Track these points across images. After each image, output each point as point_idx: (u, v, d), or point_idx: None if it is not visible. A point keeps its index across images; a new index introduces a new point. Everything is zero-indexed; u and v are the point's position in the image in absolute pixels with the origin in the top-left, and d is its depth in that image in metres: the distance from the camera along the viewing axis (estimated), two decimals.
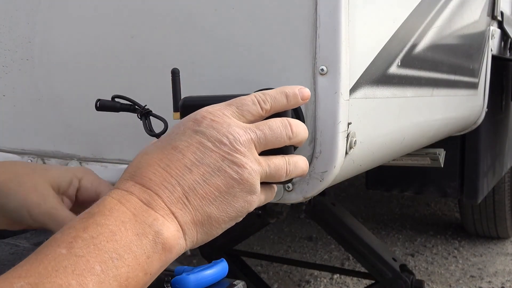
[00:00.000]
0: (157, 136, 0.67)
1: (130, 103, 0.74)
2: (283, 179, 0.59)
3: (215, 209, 0.52)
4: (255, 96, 0.57)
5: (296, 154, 0.64)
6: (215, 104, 0.56)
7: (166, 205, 0.50)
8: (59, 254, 0.44)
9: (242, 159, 0.52)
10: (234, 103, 0.56)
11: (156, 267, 0.48)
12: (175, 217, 0.50)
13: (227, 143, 0.52)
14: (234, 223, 0.56)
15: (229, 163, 0.52)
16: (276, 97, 0.58)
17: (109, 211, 0.48)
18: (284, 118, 0.57)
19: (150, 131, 0.70)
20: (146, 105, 0.73)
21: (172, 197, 0.50)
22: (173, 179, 0.51)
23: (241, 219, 0.56)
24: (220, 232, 0.55)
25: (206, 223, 0.52)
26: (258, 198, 0.56)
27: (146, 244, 0.47)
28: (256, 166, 0.54)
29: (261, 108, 0.56)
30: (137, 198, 0.50)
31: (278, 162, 0.57)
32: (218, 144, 0.52)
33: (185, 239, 0.51)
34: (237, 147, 0.52)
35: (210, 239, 0.55)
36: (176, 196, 0.50)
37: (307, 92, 0.60)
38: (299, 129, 0.58)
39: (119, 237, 0.46)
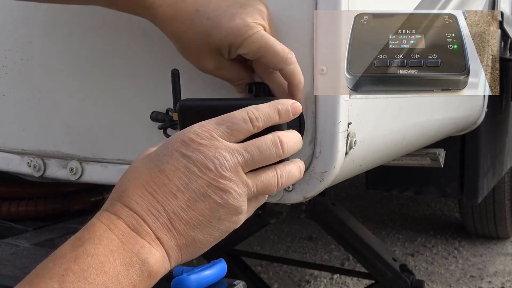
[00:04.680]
0: None
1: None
2: (273, 193, 0.59)
3: (199, 232, 0.53)
4: (247, 114, 0.55)
5: (295, 155, 0.64)
6: (205, 122, 0.55)
7: (152, 230, 0.51)
8: None
9: (228, 184, 0.53)
10: (225, 122, 0.55)
11: None
12: (161, 243, 0.51)
13: (213, 168, 0.52)
14: (219, 240, 0.56)
15: (214, 189, 0.52)
16: (269, 114, 0.57)
17: (98, 239, 0.49)
18: (276, 135, 0.56)
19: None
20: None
21: (158, 223, 0.51)
22: (159, 205, 0.51)
23: (226, 235, 0.56)
24: (205, 250, 0.56)
25: (191, 245, 0.53)
26: (246, 215, 0.57)
27: (132, 273, 0.48)
28: (242, 189, 0.54)
29: (253, 126, 0.56)
30: (124, 223, 0.51)
31: (268, 178, 0.56)
32: (203, 170, 0.52)
33: (170, 261, 0.53)
34: (223, 172, 0.52)
35: (195, 257, 0.56)
36: (161, 221, 0.51)
37: (298, 107, 0.59)
38: (290, 145, 0.57)
39: (108, 268, 0.47)
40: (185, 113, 0.61)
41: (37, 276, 0.46)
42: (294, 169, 0.59)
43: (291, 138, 0.58)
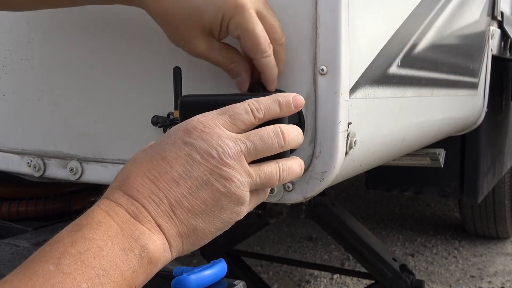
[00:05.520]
0: None
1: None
2: (275, 186, 0.58)
3: (201, 221, 0.52)
4: (248, 105, 0.56)
5: (295, 155, 0.64)
6: (207, 113, 0.55)
7: (152, 218, 0.50)
8: (47, 270, 0.44)
9: (230, 172, 0.52)
10: (227, 112, 0.55)
11: (141, 280, 0.49)
12: (161, 230, 0.51)
13: (216, 156, 0.52)
14: (221, 232, 0.56)
15: (217, 177, 0.52)
16: (270, 105, 0.57)
17: (97, 224, 0.48)
18: (277, 126, 0.57)
19: None
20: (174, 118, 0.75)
21: (159, 210, 0.51)
22: (160, 192, 0.51)
23: (229, 227, 0.56)
24: (207, 241, 0.55)
25: (192, 235, 0.53)
26: (247, 208, 0.56)
27: (132, 259, 0.48)
28: (245, 179, 0.53)
29: (254, 117, 0.56)
30: (125, 210, 0.50)
31: (270, 170, 0.56)
32: (206, 157, 0.52)
33: (171, 251, 0.52)
34: (226, 160, 0.52)
35: (197, 248, 0.55)
36: (163, 209, 0.51)
37: (301, 100, 0.59)
38: (292, 137, 0.57)
39: (106, 252, 0.46)
40: (186, 109, 0.61)
41: (34, 260, 0.46)
42: (295, 165, 0.59)
43: (292, 131, 0.58)
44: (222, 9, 0.63)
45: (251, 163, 0.55)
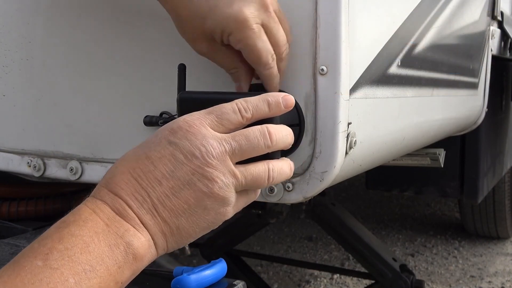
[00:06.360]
0: None
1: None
2: (264, 187, 0.58)
3: (184, 221, 0.53)
4: (236, 104, 0.56)
5: (295, 155, 0.64)
6: (195, 112, 0.55)
7: (136, 215, 0.51)
8: (35, 266, 0.45)
9: (213, 172, 0.52)
10: (214, 111, 0.55)
11: (127, 275, 0.50)
12: (146, 228, 0.52)
13: (199, 156, 0.52)
14: (208, 231, 0.56)
15: (199, 177, 0.52)
16: (258, 105, 0.57)
17: (83, 221, 0.49)
18: (264, 126, 0.56)
19: None
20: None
21: (142, 208, 0.51)
22: (143, 191, 0.52)
23: (215, 227, 0.56)
24: (192, 240, 0.56)
25: (176, 234, 0.53)
26: (234, 208, 0.56)
27: (117, 255, 0.49)
28: (229, 179, 0.53)
29: (242, 116, 0.55)
30: (110, 208, 0.51)
31: (258, 171, 0.56)
32: (189, 157, 0.52)
33: (156, 248, 0.53)
34: (209, 160, 0.52)
35: (182, 246, 0.56)
36: (146, 207, 0.52)
37: (290, 100, 0.59)
38: (279, 137, 0.57)
39: (92, 248, 0.48)
40: (184, 105, 0.62)
41: (22, 256, 0.47)
42: (285, 166, 0.59)
43: (280, 131, 0.57)
44: (223, 23, 0.62)
45: (240, 163, 0.55)
